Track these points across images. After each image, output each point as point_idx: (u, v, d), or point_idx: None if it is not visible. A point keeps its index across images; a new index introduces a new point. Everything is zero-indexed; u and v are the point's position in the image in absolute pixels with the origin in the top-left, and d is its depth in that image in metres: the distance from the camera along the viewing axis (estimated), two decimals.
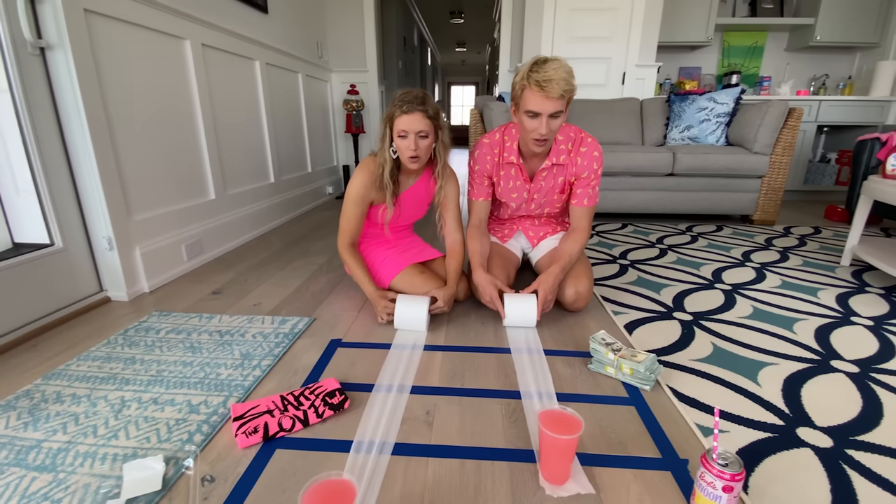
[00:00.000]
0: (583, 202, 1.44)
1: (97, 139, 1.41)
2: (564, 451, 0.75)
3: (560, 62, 1.17)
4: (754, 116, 2.59)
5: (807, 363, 1.15)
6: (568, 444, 0.73)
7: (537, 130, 1.23)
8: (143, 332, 1.30)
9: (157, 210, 1.71)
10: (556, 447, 0.74)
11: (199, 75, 1.92)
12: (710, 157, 2.61)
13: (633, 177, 2.73)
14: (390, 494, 0.74)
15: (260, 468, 0.80)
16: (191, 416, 0.93)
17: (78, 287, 1.46)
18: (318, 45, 3.33)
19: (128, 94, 1.56)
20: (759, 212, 2.73)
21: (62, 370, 1.10)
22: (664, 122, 3.07)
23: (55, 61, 1.32)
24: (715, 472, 0.66)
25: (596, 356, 1.12)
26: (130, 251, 1.56)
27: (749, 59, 3.72)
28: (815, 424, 0.91)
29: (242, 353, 1.18)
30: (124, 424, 0.90)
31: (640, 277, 1.81)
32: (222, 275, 1.81)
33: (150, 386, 1.03)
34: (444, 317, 1.41)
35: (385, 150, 1.31)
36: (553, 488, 0.75)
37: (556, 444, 0.73)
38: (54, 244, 1.39)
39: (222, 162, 2.13)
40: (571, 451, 0.75)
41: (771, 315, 1.45)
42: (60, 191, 1.39)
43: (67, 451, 0.83)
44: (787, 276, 1.81)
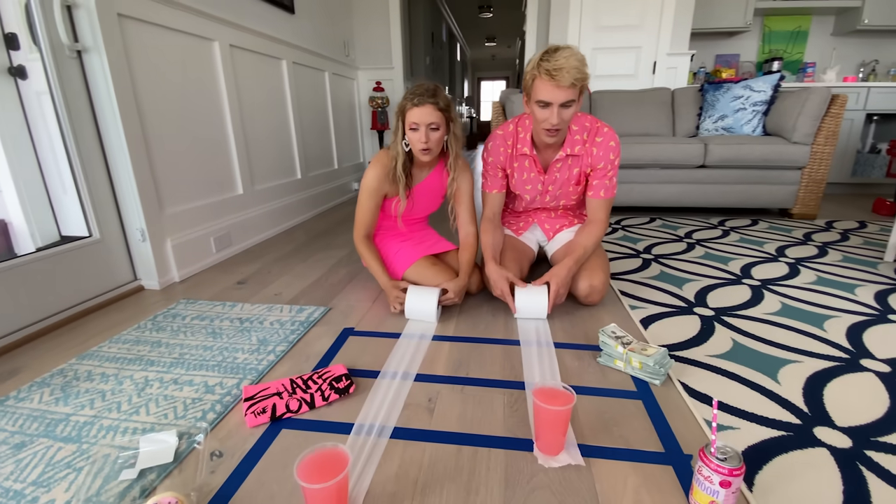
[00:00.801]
0: (599, 194, 1.41)
1: (131, 137, 1.50)
2: (556, 422, 0.77)
3: (571, 50, 1.15)
4: (793, 104, 2.45)
5: (833, 362, 1.09)
6: (559, 414, 0.76)
7: (548, 120, 1.21)
8: (170, 318, 1.37)
9: (188, 204, 1.80)
10: (549, 418, 0.77)
11: (228, 75, 2.00)
12: (744, 148, 2.49)
13: (661, 169, 2.64)
14: (385, 474, 0.76)
15: (265, 446, 0.84)
16: (206, 396, 0.98)
17: (114, 276, 1.56)
18: (344, 43, 3.40)
19: (159, 94, 1.64)
20: (799, 205, 2.59)
21: (94, 351, 1.18)
22: (697, 112, 2.95)
23: (91, 64, 1.42)
24: (712, 467, 0.64)
25: (605, 349, 1.10)
26: (162, 243, 1.65)
27: (792, 44, 3.52)
28: (834, 424, 0.87)
29: (259, 339, 1.23)
30: (146, 402, 0.96)
31: (663, 272, 1.75)
32: (248, 266, 1.89)
33: (172, 367, 1.10)
34: (456, 308, 1.42)
35: (397, 143, 1.32)
36: (546, 459, 0.79)
37: (548, 415, 0.76)
38: (92, 235, 1.49)
39: (250, 158, 2.21)
40: (564, 423, 0.78)
41: (800, 311, 1.37)
42: (97, 185, 1.49)
43: (93, 424, 0.89)
44: (824, 272, 1.71)
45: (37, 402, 0.96)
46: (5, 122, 1.39)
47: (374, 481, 0.75)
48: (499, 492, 0.72)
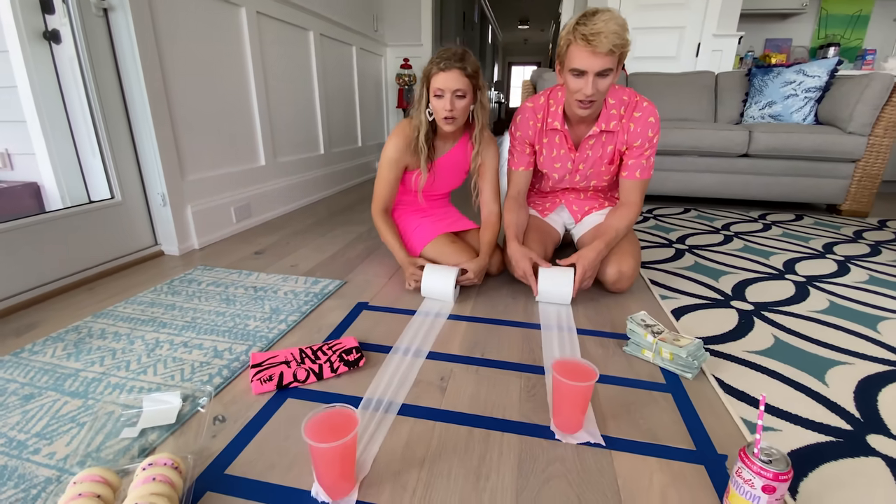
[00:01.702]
0: (634, 174, 1.31)
1: (154, 100, 1.48)
2: (576, 398, 0.74)
3: (611, 13, 1.05)
4: (851, 91, 2.26)
5: (889, 366, 0.99)
6: (579, 391, 0.72)
7: (582, 91, 1.12)
8: (186, 283, 1.36)
9: (210, 172, 1.79)
10: (569, 394, 0.73)
11: (254, 43, 1.97)
12: (793, 137, 2.31)
13: (700, 157, 2.50)
14: (391, 452, 0.72)
15: (269, 414, 0.80)
16: (214, 360, 0.95)
17: (135, 239, 1.56)
18: (374, 18, 3.33)
19: (184, 59, 1.62)
20: (850, 201, 2.40)
21: (110, 311, 1.17)
22: (742, 98, 2.76)
23: (117, 22, 1.40)
24: (755, 469, 0.57)
25: (633, 338, 1.03)
26: (183, 209, 1.64)
27: (851, 29, 3.25)
28: (891, 433, 0.77)
29: (272, 308, 1.21)
30: (154, 362, 0.94)
31: (698, 263, 1.65)
32: (267, 237, 1.87)
33: (184, 330, 1.08)
34: (474, 289, 1.36)
35: (421, 111, 1.26)
36: (564, 436, 0.75)
37: (569, 391, 0.73)
38: (114, 197, 1.49)
39: (273, 130, 2.19)
40: (584, 400, 0.74)
41: (851, 311, 1.26)
42: (120, 147, 1.49)
43: (100, 381, 0.88)
44: (877, 272, 1.57)
45: (49, 355, 0.96)
46: (40, 85, 1.39)
47: (377, 458, 0.70)
48: (511, 478, 0.67)
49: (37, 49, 1.37)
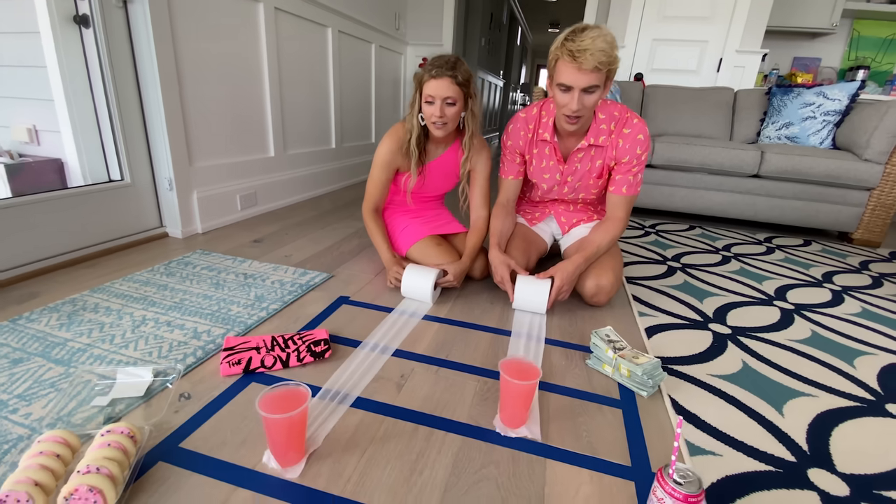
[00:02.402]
0: (621, 190, 1.32)
1: (167, 88, 1.56)
2: (519, 395, 0.79)
3: (600, 30, 1.06)
4: (870, 117, 2.20)
5: (854, 401, 0.98)
6: (522, 389, 0.77)
7: (568, 106, 1.14)
8: (182, 266, 1.44)
9: (217, 160, 1.86)
10: (513, 392, 0.78)
11: (270, 38, 2.03)
12: (805, 160, 2.26)
13: (709, 175, 2.46)
14: (335, 441, 0.76)
15: (232, 395, 0.86)
16: (192, 341, 1.01)
17: (141, 220, 1.65)
18: (395, 15, 3.37)
19: (199, 50, 1.69)
20: (862, 230, 2.34)
21: (107, 287, 1.25)
22: (760, 117, 2.71)
23: (135, 14, 1.47)
24: (667, 490, 0.59)
25: (595, 352, 1.04)
26: (188, 194, 1.72)
27: (883, 53, 3.14)
28: (834, 469, 0.78)
29: (256, 296, 1.26)
30: (137, 338, 1.01)
31: (687, 282, 1.64)
32: (268, 227, 1.94)
33: (170, 310, 1.14)
34: (455, 291, 1.40)
35: (413, 115, 1.30)
36: (505, 429, 0.81)
37: (513, 388, 0.78)
38: (124, 179, 1.57)
39: (284, 123, 2.25)
40: (528, 397, 0.80)
41: (831, 343, 1.25)
42: (132, 132, 1.57)
43: (85, 351, 0.94)
44: (871, 305, 1.54)
45: (43, 324, 1.04)
46: (68, 67, 1.48)
47: (322, 445, 0.75)
48: (442, 476, 0.70)
49: (67, 32, 1.45)
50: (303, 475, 0.69)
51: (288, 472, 0.69)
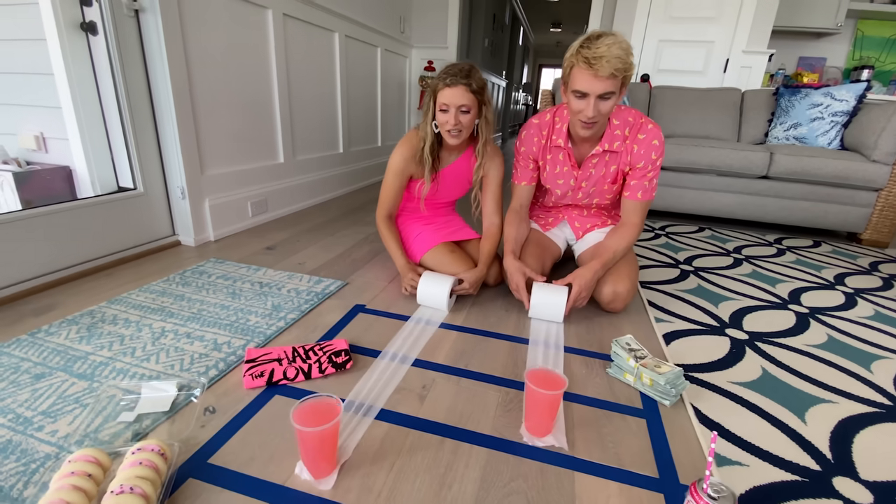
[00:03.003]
0: (636, 195, 1.32)
1: (178, 97, 1.56)
2: (546, 405, 0.80)
3: (615, 37, 1.07)
4: (878, 118, 2.19)
5: (873, 407, 0.98)
6: (548, 399, 0.79)
7: (584, 112, 1.14)
8: (197, 275, 1.44)
9: (229, 168, 1.86)
10: (539, 401, 0.80)
11: (279, 44, 2.03)
12: (815, 161, 2.26)
13: (718, 176, 2.46)
14: (363, 455, 0.76)
15: (257, 408, 0.86)
16: (213, 353, 1.02)
17: (154, 229, 1.65)
18: (400, 19, 3.37)
19: (210, 59, 1.70)
20: (871, 230, 2.33)
21: (123, 298, 1.25)
22: (767, 118, 2.70)
23: (147, 23, 1.48)
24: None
25: (616, 361, 1.04)
26: (201, 202, 1.73)
27: (886, 52, 3.14)
28: (858, 477, 0.78)
29: (274, 305, 1.26)
30: (158, 351, 1.01)
31: (700, 286, 1.64)
32: (279, 233, 1.94)
33: (189, 321, 1.15)
34: (469, 299, 1.40)
35: (427, 123, 1.30)
36: (532, 438, 0.82)
37: (539, 398, 0.79)
38: (136, 189, 1.57)
39: (293, 129, 2.26)
40: (553, 407, 0.81)
41: (848, 347, 1.24)
42: (145, 141, 1.57)
43: (107, 365, 0.95)
44: (884, 307, 1.54)
45: (63, 337, 1.04)
46: (76, 74, 1.48)
47: (350, 459, 0.75)
48: (472, 490, 0.70)
49: (74, 39, 1.45)
50: (333, 490, 0.69)
51: (321, 484, 0.70)
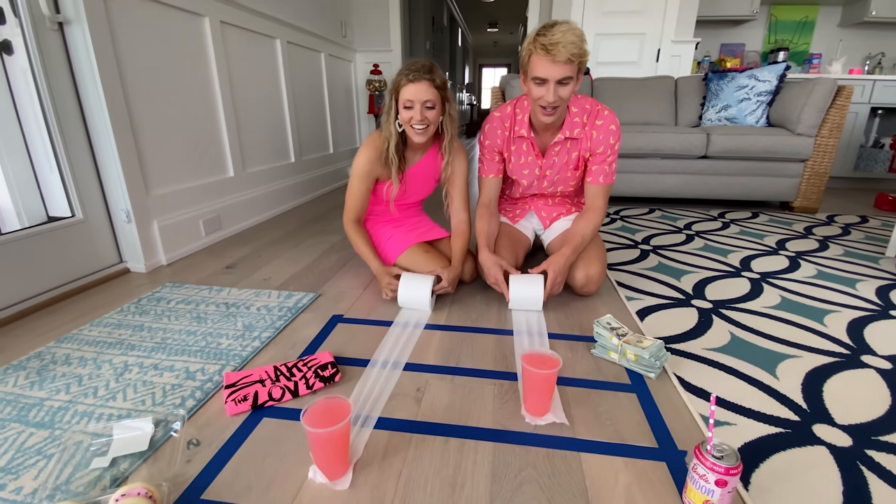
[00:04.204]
0: (598, 179, 1.37)
1: (115, 114, 1.45)
2: (543, 384, 0.82)
3: (569, 25, 1.10)
4: (799, 95, 2.40)
5: (834, 357, 1.06)
6: (545, 378, 0.81)
7: (544, 98, 1.16)
8: (154, 302, 1.34)
9: (176, 185, 1.75)
10: (536, 381, 0.82)
11: (219, 53, 1.94)
12: (747, 139, 2.44)
13: (662, 159, 2.60)
14: (369, 467, 0.73)
15: (245, 435, 0.81)
16: (186, 382, 0.95)
17: (98, 258, 1.52)
18: (342, 24, 3.31)
19: (146, 71, 1.58)
20: (801, 198, 2.55)
21: (75, 334, 1.14)
22: (700, 101, 2.89)
23: (73, 37, 1.36)
24: (708, 465, 0.62)
25: (600, 341, 1.07)
26: (148, 224, 1.61)
27: (798, 35, 3.45)
28: (834, 422, 0.84)
29: (245, 325, 1.20)
30: (123, 387, 0.93)
31: (661, 263, 1.72)
32: (237, 250, 1.85)
33: (153, 352, 1.06)
34: (448, 297, 1.39)
35: (390, 123, 1.28)
36: (533, 419, 0.84)
37: (535, 378, 0.81)
38: (75, 216, 1.44)
39: (242, 140, 2.16)
40: (550, 386, 0.83)
41: (800, 305, 1.35)
42: (80, 163, 1.44)
43: (67, 409, 0.86)
44: (825, 266, 1.68)
45: (11, 385, 0.93)
46: None
47: (355, 473, 0.72)
48: (485, 486, 0.70)
49: None
50: (349, 491, 0.66)
51: (337, 485, 0.69)
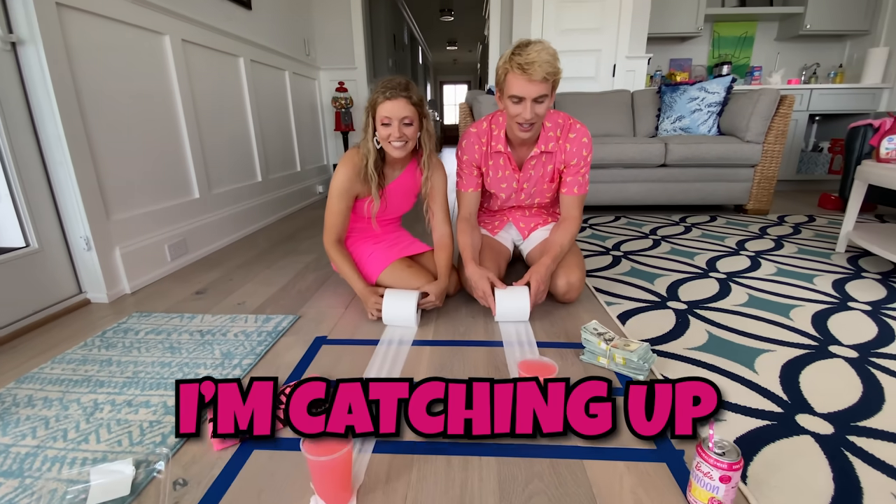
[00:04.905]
0: (573, 190, 1.41)
1: (72, 137, 1.37)
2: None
3: (543, 44, 1.14)
4: (746, 105, 2.57)
5: (805, 349, 1.13)
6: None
7: (521, 115, 1.19)
8: (121, 334, 1.26)
9: (138, 209, 1.67)
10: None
11: (181, 72, 1.88)
12: (702, 147, 2.58)
13: (625, 168, 2.70)
14: (372, 493, 0.71)
15: (236, 470, 0.76)
16: (166, 417, 0.89)
17: (56, 289, 1.42)
18: (304, 42, 3.29)
19: (105, 92, 1.51)
20: (753, 201, 2.71)
21: (35, 373, 1.05)
22: (655, 113, 3.04)
23: (27, 57, 1.28)
24: (711, 462, 0.63)
25: (588, 346, 1.09)
26: (110, 252, 1.52)
27: (739, 49, 3.71)
28: (814, 411, 0.89)
29: (223, 353, 1.14)
30: (96, 428, 0.86)
31: (634, 268, 1.78)
32: (207, 274, 1.77)
33: (126, 388, 0.99)
34: (434, 312, 1.38)
35: (368, 140, 1.27)
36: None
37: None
38: (30, 245, 1.34)
39: (206, 161, 2.09)
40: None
41: (767, 302, 1.42)
42: (35, 190, 1.35)
43: (36, 455, 0.79)
44: (783, 264, 1.79)
45: None
46: None
47: (358, 500, 0.69)
48: (494, 502, 0.69)
49: None
50: None
51: None
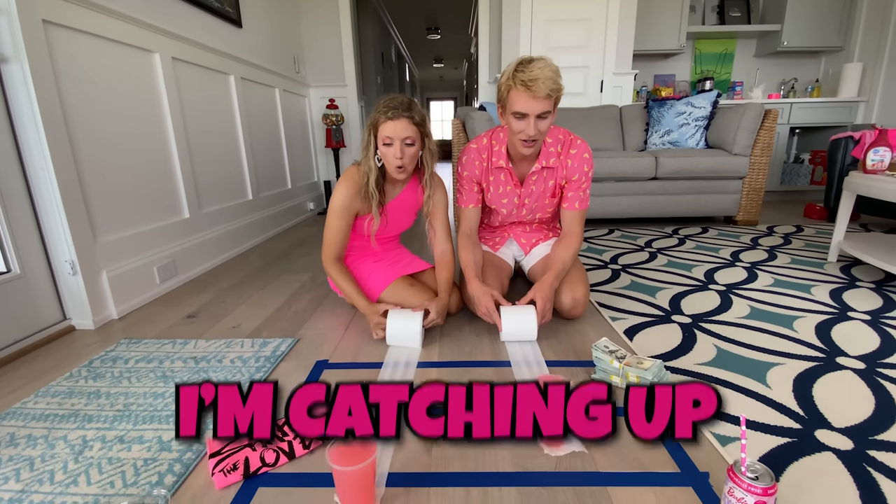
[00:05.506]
0: (574, 206, 1.40)
1: (57, 157, 1.32)
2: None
3: (546, 61, 1.14)
4: (732, 119, 2.63)
5: (813, 361, 1.12)
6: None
7: (525, 132, 1.19)
8: (109, 363, 1.19)
9: (126, 231, 1.61)
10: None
11: (171, 90, 1.84)
12: (692, 160, 2.62)
13: (617, 182, 2.73)
14: None
15: None
16: (161, 454, 0.83)
17: (39, 316, 1.35)
18: (294, 59, 3.28)
19: (92, 110, 1.47)
20: (742, 212, 2.76)
21: (17, 409, 0.99)
22: (644, 127, 3.09)
23: (11, 75, 1.23)
24: (745, 487, 0.61)
25: (599, 365, 1.07)
26: (96, 275, 1.45)
27: (720, 65, 3.81)
28: (832, 426, 0.87)
29: (221, 381, 1.09)
30: (85, 468, 0.80)
31: (634, 282, 1.77)
32: (198, 297, 1.71)
33: (116, 422, 0.93)
34: (437, 331, 1.34)
35: (369, 158, 1.25)
36: (553, 450, 0.81)
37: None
38: (11, 270, 1.28)
39: (196, 179, 2.04)
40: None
41: (769, 314, 1.42)
42: (17, 213, 1.29)
43: (20, 501, 0.72)
44: (779, 275, 1.80)
45: None
46: None
47: None
48: None
49: None
50: None
51: None
